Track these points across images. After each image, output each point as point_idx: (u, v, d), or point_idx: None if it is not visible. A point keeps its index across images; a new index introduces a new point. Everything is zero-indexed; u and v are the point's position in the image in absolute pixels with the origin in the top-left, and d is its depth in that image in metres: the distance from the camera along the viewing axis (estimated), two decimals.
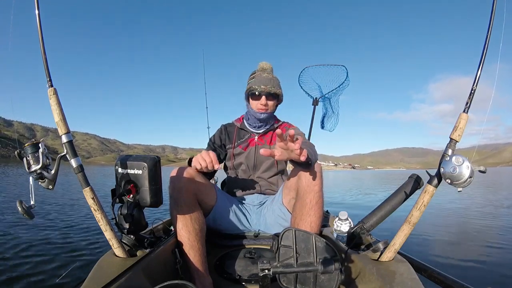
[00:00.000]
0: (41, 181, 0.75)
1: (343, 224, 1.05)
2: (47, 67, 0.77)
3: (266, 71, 1.41)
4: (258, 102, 1.35)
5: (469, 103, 0.70)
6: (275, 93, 1.35)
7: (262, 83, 1.33)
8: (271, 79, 1.36)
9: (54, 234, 2.80)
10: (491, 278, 1.96)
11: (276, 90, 1.35)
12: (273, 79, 1.37)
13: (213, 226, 1.24)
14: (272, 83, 1.35)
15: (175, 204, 1.00)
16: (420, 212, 0.72)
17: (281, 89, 1.39)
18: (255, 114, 1.38)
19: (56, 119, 0.76)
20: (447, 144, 0.71)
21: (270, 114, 1.40)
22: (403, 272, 0.71)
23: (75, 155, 0.77)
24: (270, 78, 1.37)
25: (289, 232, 0.70)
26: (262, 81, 1.34)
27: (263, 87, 1.32)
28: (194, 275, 0.93)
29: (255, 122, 1.42)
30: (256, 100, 1.36)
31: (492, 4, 0.67)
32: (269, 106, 1.37)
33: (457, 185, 0.66)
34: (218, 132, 1.51)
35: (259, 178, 1.41)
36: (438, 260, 2.31)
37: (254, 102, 1.38)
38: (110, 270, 0.71)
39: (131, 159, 0.87)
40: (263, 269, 0.64)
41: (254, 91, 1.34)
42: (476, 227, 3.67)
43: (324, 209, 1.08)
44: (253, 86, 1.34)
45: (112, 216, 0.83)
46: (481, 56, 0.69)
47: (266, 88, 1.32)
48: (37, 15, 0.77)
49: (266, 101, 1.35)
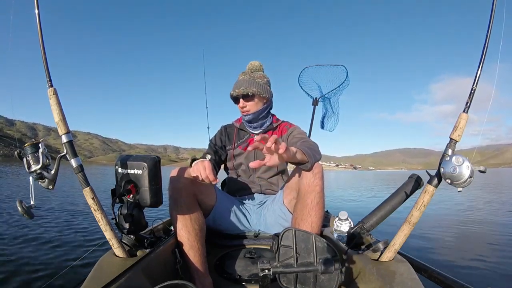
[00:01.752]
0: (41, 181, 0.75)
1: (343, 224, 1.05)
2: (47, 67, 0.77)
3: (246, 72, 1.42)
4: (239, 105, 1.39)
5: (469, 103, 0.70)
6: (247, 93, 1.33)
7: (236, 87, 1.36)
8: (248, 80, 1.36)
9: (54, 234, 2.80)
10: (491, 278, 1.96)
11: (248, 90, 1.32)
12: (249, 80, 1.36)
13: (213, 226, 1.24)
14: (246, 84, 1.34)
15: (175, 204, 0.99)
16: (420, 212, 0.72)
17: (260, 87, 1.35)
18: (243, 116, 1.42)
19: (56, 119, 0.76)
20: (447, 144, 0.71)
21: (256, 114, 1.38)
22: (403, 272, 0.71)
23: (75, 155, 0.77)
24: (247, 79, 1.36)
25: (289, 232, 0.70)
26: (237, 84, 1.37)
27: (237, 90, 1.35)
28: (194, 275, 0.93)
29: (247, 123, 1.45)
30: (237, 104, 1.40)
31: (492, 4, 0.67)
32: (249, 106, 1.37)
33: (457, 185, 0.66)
34: (218, 133, 1.52)
35: (259, 178, 1.41)
36: (438, 260, 2.31)
37: (238, 106, 1.41)
38: (110, 270, 0.71)
39: (131, 159, 0.87)
40: (263, 269, 0.64)
41: (232, 96, 1.39)
42: (476, 227, 3.68)
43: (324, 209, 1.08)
44: (231, 91, 1.39)
45: (112, 216, 0.83)
46: (481, 56, 0.69)
47: (240, 91, 1.34)
48: (36, 14, 0.76)
49: (244, 102, 1.36)
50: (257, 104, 1.38)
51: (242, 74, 1.43)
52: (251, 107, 1.37)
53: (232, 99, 1.42)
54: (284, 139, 1.39)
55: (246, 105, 1.37)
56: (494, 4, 0.67)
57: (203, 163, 1.00)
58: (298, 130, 1.41)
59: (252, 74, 1.40)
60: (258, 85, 1.36)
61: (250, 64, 1.43)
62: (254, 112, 1.37)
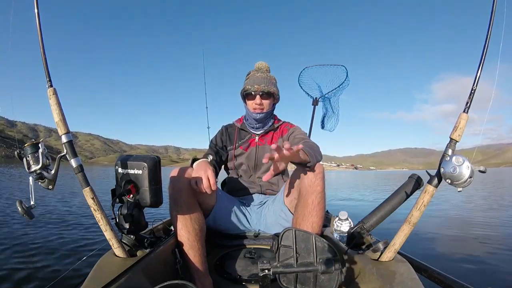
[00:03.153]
0: (41, 181, 0.75)
1: (343, 224, 1.05)
2: (46, 67, 0.77)
3: (261, 70, 1.41)
4: (253, 102, 1.36)
5: (469, 103, 0.70)
6: (269, 91, 1.34)
7: (255, 83, 1.34)
8: (266, 78, 1.36)
9: (54, 233, 2.80)
10: (491, 278, 1.95)
11: (270, 89, 1.34)
12: (267, 78, 1.37)
13: (213, 226, 1.24)
14: (266, 81, 1.35)
15: (175, 204, 0.99)
16: (420, 212, 0.72)
17: (276, 88, 1.39)
18: (252, 114, 1.38)
19: (56, 119, 0.76)
20: (447, 144, 0.71)
21: (267, 113, 1.39)
22: (403, 272, 0.71)
23: (75, 155, 0.77)
24: (265, 77, 1.37)
25: (289, 232, 0.70)
26: (256, 80, 1.34)
27: (256, 86, 1.33)
28: (194, 275, 0.93)
29: (253, 122, 1.42)
30: (251, 100, 1.37)
31: (492, 4, 0.67)
32: (264, 105, 1.36)
33: (457, 185, 0.66)
34: (219, 134, 1.51)
35: (260, 179, 1.41)
36: (438, 260, 2.31)
37: (249, 102, 1.38)
38: (110, 270, 0.71)
39: (131, 159, 0.87)
40: (263, 269, 0.64)
41: (248, 91, 1.35)
42: (476, 227, 3.67)
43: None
44: (247, 87, 1.35)
45: (112, 216, 0.83)
46: (481, 56, 0.69)
47: (260, 87, 1.32)
48: (36, 14, 0.76)
49: (261, 100, 1.35)
50: (270, 104, 1.40)
51: (256, 72, 1.40)
52: (266, 106, 1.37)
53: (246, 94, 1.38)
54: (285, 140, 1.39)
55: (263, 102, 1.36)
56: (494, 4, 0.67)
57: (206, 172, 1.01)
58: (299, 130, 1.41)
59: (268, 74, 1.40)
60: (275, 85, 1.39)
61: (261, 64, 1.43)
62: (267, 112, 1.38)
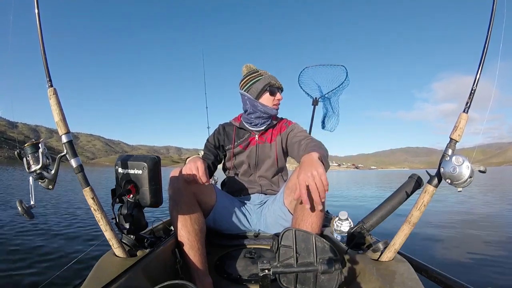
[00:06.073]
0: (41, 181, 0.75)
1: (343, 224, 1.05)
2: (47, 67, 0.76)
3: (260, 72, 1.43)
4: (275, 97, 1.38)
5: (469, 103, 0.70)
6: (282, 89, 1.43)
7: (274, 80, 1.37)
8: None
9: (54, 233, 2.80)
10: (491, 278, 1.95)
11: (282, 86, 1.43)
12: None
13: (213, 226, 1.24)
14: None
15: (175, 204, 0.99)
16: (420, 212, 0.72)
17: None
18: (270, 110, 1.37)
19: (56, 119, 0.76)
20: (447, 144, 0.71)
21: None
22: (403, 272, 0.71)
23: (75, 155, 0.77)
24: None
25: (289, 232, 0.70)
26: (273, 78, 1.38)
27: (277, 83, 1.38)
28: (194, 275, 0.93)
29: (261, 120, 1.39)
30: (273, 96, 1.38)
31: (492, 4, 0.67)
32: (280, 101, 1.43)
33: (457, 185, 0.66)
34: (215, 133, 1.48)
35: (260, 178, 1.41)
36: (438, 260, 2.31)
37: (270, 98, 1.37)
38: (110, 270, 0.71)
39: (131, 159, 0.87)
40: (263, 269, 0.64)
41: (274, 86, 1.37)
42: (477, 227, 3.67)
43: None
44: (272, 81, 1.36)
45: (112, 216, 0.83)
46: (481, 56, 0.69)
47: (280, 84, 1.39)
48: (36, 14, 0.76)
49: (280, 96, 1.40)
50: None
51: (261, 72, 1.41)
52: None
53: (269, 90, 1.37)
54: (283, 137, 1.38)
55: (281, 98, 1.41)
56: (495, 4, 0.67)
57: (195, 163, 0.99)
58: (298, 128, 1.40)
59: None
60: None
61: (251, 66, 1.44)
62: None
